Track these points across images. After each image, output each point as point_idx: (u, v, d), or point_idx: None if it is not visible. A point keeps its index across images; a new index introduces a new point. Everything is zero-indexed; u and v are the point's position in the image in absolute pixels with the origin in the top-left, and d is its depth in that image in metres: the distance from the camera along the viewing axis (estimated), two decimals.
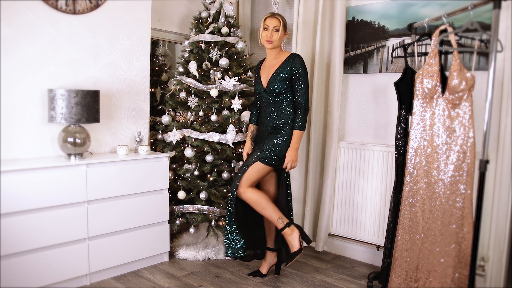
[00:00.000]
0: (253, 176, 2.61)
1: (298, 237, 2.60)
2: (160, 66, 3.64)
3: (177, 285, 2.71)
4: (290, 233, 2.59)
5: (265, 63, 2.79)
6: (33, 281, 2.41)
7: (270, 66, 2.72)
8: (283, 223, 2.58)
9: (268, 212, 2.58)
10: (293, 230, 2.60)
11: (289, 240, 2.60)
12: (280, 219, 2.58)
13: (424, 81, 2.18)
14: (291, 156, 2.63)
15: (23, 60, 2.54)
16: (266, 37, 2.64)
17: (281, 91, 2.64)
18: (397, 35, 2.97)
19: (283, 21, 2.66)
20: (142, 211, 2.88)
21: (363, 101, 3.20)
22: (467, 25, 2.09)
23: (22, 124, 2.57)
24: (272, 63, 2.71)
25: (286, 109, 2.66)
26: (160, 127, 3.27)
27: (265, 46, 2.69)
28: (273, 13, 2.68)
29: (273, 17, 2.64)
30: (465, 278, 2.10)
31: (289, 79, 2.63)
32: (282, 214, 2.61)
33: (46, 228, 2.43)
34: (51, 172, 2.44)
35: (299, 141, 2.65)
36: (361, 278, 2.89)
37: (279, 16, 2.65)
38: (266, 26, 2.64)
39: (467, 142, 2.09)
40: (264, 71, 2.76)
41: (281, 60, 2.68)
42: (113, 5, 2.91)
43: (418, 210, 2.26)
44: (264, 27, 2.65)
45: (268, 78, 2.68)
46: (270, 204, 2.59)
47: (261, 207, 2.58)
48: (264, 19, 2.66)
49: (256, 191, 2.61)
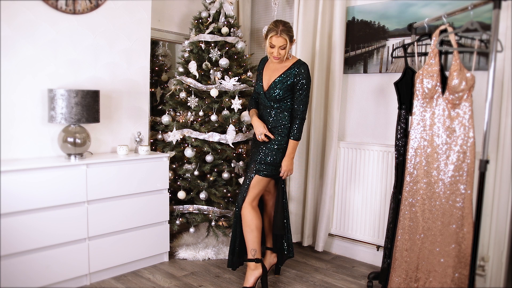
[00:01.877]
0: (255, 191, 2.60)
1: (257, 277, 2.59)
2: (160, 66, 3.64)
3: (177, 285, 2.71)
4: (253, 269, 2.58)
5: (269, 63, 2.70)
6: (33, 281, 2.41)
7: (274, 69, 2.63)
8: (254, 256, 2.57)
9: (250, 237, 2.57)
10: (257, 268, 2.58)
11: (247, 274, 2.59)
12: (254, 251, 2.57)
13: (424, 81, 2.18)
14: (286, 166, 2.60)
15: (23, 60, 2.54)
16: (273, 54, 2.53)
17: (281, 98, 2.58)
18: (397, 35, 2.97)
19: (289, 36, 2.50)
20: (142, 211, 2.88)
21: (363, 101, 3.20)
22: (467, 25, 2.09)
23: (22, 124, 2.57)
24: (277, 67, 2.62)
25: (284, 114, 2.60)
26: (160, 127, 3.27)
27: (272, 61, 2.62)
28: (278, 31, 2.47)
29: (279, 36, 2.47)
30: (465, 278, 2.10)
31: (291, 86, 2.56)
32: (259, 248, 2.59)
33: (46, 228, 2.43)
34: (51, 172, 2.44)
35: (294, 150, 2.61)
36: (361, 278, 2.89)
37: (285, 35, 2.47)
38: (272, 45, 2.51)
39: (467, 142, 2.09)
40: (267, 72, 2.66)
41: (286, 66, 2.59)
42: (113, 5, 2.91)
43: (418, 210, 2.26)
44: (270, 45, 2.52)
45: (270, 83, 2.60)
46: (256, 232, 2.57)
47: (248, 229, 2.56)
48: (270, 36, 2.49)
49: (253, 213, 2.58)
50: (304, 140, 3.37)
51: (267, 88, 2.61)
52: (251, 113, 2.75)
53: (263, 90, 2.64)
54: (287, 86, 2.55)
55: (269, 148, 2.59)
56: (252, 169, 2.61)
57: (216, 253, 3.17)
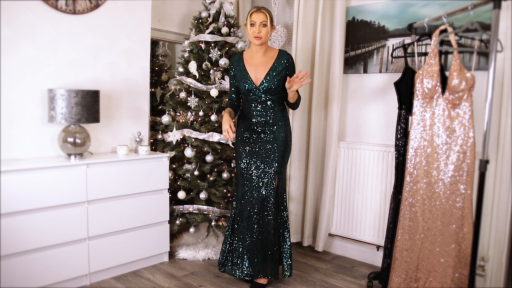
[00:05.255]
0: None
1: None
2: (160, 66, 3.64)
3: (177, 285, 2.71)
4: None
5: (250, 59, 2.65)
6: (33, 281, 2.41)
7: (260, 63, 2.61)
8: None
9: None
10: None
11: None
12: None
13: (424, 81, 2.18)
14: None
15: (23, 60, 2.54)
16: (254, 33, 2.53)
17: (279, 88, 2.58)
18: (397, 35, 2.97)
19: (270, 15, 2.56)
20: (142, 211, 2.88)
21: (363, 101, 3.19)
22: (467, 25, 2.09)
23: (22, 124, 2.57)
24: (262, 60, 2.61)
25: (279, 107, 2.63)
26: (160, 127, 3.27)
27: (253, 42, 2.58)
28: (259, 7, 2.56)
29: (259, 11, 2.53)
30: (465, 278, 2.10)
31: (285, 75, 2.58)
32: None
33: (46, 228, 2.43)
34: (51, 172, 2.44)
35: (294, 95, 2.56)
36: (361, 278, 2.89)
37: (265, 10, 2.55)
38: (253, 22, 2.53)
39: (467, 142, 2.09)
40: (251, 68, 2.62)
41: (273, 57, 2.61)
42: (113, 5, 2.91)
43: (418, 210, 2.26)
44: (251, 22, 2.54)
45: (263, 76, 2.58)
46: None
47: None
48: (250, 14, 2.55)
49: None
50: (304, 140, 3.37)
51: (261, 82, 2.58)
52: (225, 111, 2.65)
53: (255, 85, 2.60)
54: (282, 75, 2.58)
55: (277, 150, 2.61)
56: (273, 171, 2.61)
57: (216, 253, 3.17)
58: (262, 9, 2.55)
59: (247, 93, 2.63)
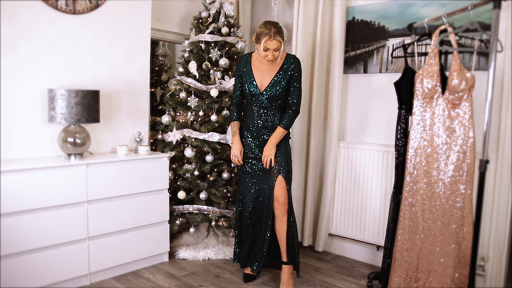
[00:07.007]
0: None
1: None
2: (160, 66, 3.64)
3: (177, 285, 2.71)
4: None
5: (258, 63, 2.64)
6: (33, 281, 2.41)
7: (266, 69, 2.60)
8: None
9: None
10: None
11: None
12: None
13: (424, 81, 2.18)
14: (268, 151, 2.57)
15: (23, 60, 2.54)
16: (267, 57, 2.49)
17: (284, 95, 2.59)
18: (397, 35, 2.97)
19: (283, 38, 2.48)
20: (142, 211, 2.88)
21: (363, 101, 3.20)
22: (467, 25, 2.09)
23: (22, 124, 2.57)
24: (269, 66, 2.60)
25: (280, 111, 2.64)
26: (160, 127, 3.27)
27: (264, 62, 2.57)
28: (273, 33, 2.43)
29: (273, 39, 2.43)
30: (465, 278, 2.10)
31: (289, 81, 2.58)
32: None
33: (46, 228, 2.43)
34: (51, 172, 2.44)
35: (279, 138, 2.58)
36: (361, 278, 2.89)
37: (280, 37, 2.45)
38: (266, 48, 2.46)
39: (467, 142, 2.09)
40: (258, 73, 2.62)
41: (279, 63, 2.59)
42: (113, 5, 2.91)
43: (418, 210, 2.26)
44: (264, 48, 2.47)
45: (268, 82, 2.58)
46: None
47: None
48: (264, 40, 2.44)
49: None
50: (304, 140, 3.37)
51: (266, 88, 2.59)
52: (233, 128, 2.71)
53: (259, 91, 2.60)
54: (287, 82, 2.58)
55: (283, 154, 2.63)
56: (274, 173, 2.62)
57: (216, 253, 3.17)
58: (276, 36, 2.43)
59: (250, 97, 2.65)
